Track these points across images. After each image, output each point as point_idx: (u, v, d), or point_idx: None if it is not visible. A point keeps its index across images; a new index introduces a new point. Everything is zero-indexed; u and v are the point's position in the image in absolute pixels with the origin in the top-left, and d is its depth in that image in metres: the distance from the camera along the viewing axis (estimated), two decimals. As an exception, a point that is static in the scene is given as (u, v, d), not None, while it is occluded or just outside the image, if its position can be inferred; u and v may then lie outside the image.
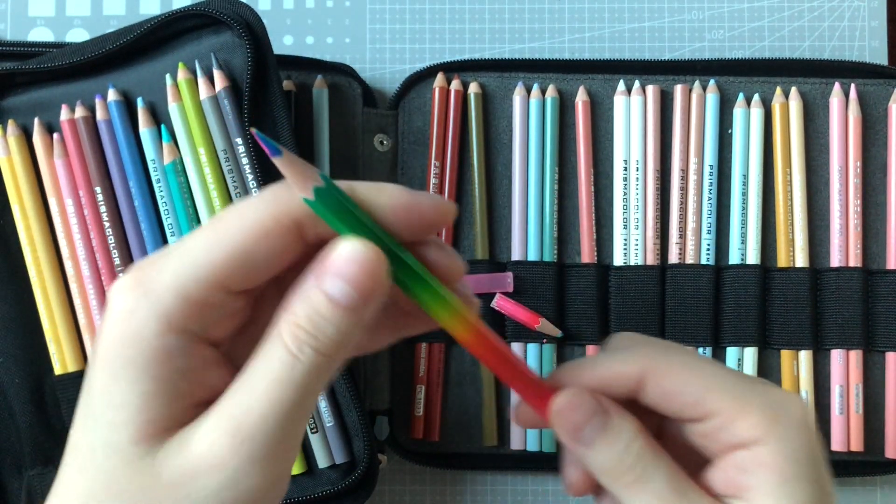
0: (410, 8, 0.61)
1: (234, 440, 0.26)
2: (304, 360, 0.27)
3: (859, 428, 0.56)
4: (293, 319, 0.27)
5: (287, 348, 0.27)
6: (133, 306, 0.27)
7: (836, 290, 0.56)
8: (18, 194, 0.54)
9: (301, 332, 0.27)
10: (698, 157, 0.57)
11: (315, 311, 0.27)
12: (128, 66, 0.54)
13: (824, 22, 0.61)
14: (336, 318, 0.27)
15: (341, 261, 0.27)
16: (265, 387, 0.26)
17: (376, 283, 0.27)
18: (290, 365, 0.26)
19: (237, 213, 0.27)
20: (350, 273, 0.26)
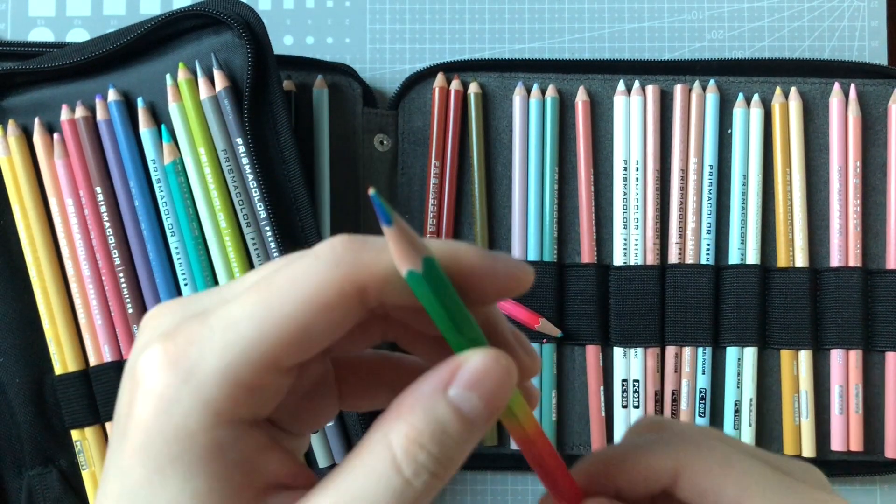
0: (410, 8, 0.61)
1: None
2: (417, 486, 0.22)
3: (859, 428, 0.56)
4: (413, 435, 0.23)
5: (399, 470, 0.22)
6: (174, 395, 0.22)
7: (835, 290, 0.56)
8: (19, 194, 0.54)
9: (422, 454, 0.22)
10: (698, 157, 0.57)
11: (441, 428, 0.23)
12: (128, 66, 0.54)
13: (824, 22, 0.61)
14: (463, 437, 0.23)
15: (476, 372, 0.23)
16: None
17: (505, 401, 0.23)
18: (399, 491, 0.22)
19: (290, 279, 0.23)
20: (485, 387, 0.23)
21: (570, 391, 0.57)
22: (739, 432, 0.56)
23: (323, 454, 0.54)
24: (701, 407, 0.56)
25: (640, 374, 0.56)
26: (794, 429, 0.56)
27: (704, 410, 0.56)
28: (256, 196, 0.53)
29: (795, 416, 0.56)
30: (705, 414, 0.56)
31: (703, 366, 0.56)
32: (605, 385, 0.57)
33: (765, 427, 0.57)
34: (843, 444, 0.56)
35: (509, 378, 0.23)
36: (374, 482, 0.22)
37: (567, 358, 0.57)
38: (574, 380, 0.57)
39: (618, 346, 0.57)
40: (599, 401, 0.57)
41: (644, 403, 0.57)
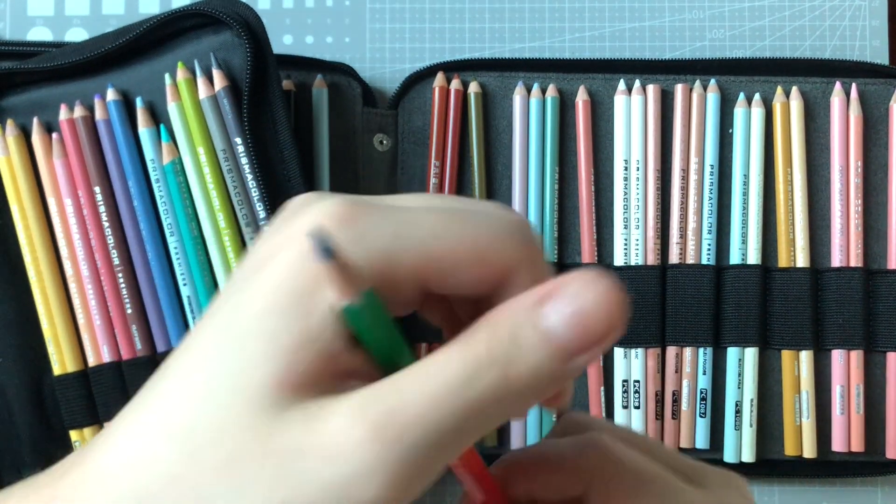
0: (410, 7, 0.61)
1: (375, 433, 0.21)
2: (487, 380, 0.21)
3: (860, 428, 0.56)
4: (492, 332, 0.22)
5: (475, 358, 0.22)
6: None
7: (836, 290, 0.56)
8: (17, 194, 0.54)
9: (498, 349, 0.22)
10: (699, 157, 0.57)
11: (519, 338, 0.22)
12: (127, 65, 0.54)
13: (825, 21, 0.61)
14: (540, 356, 0.22)
15: (579, 287, 0.22)
16: (433, 390, 0.21)
17: (601, 337, 0.22)
18: (469, 377, 0.21)
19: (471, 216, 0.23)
20: (584, 309, 0.22)
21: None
22: (740, 433, 0.56)
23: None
24: (702, 407, 0.56)
25: (640, 375, 0.56)
26: (794, 429, 0.56)
27: (705, 411, 0.56)
28: (256, 196, 0.53)
29: (796, 416, 0.56)
30: (706, 414, 0.56)
31: (703, 366, 0.56)
32: (605, 385, 0.57)
33: (766, 427, 0.57)
34: (844, 444, 0.56)
35: (613, 300, 0.22)
36: (447, 362, 0.22)
37: (567, 358, 0.57)
38: (574, 380, 0.57)
39: (618, 346, 0.57)
40: (600, 401, 0.57)
41: (644, 404, 0.56)
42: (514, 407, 0.22)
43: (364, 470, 0.21)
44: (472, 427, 0.22)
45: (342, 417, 0.21)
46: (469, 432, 0.22)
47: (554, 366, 0.22)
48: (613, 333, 0.22)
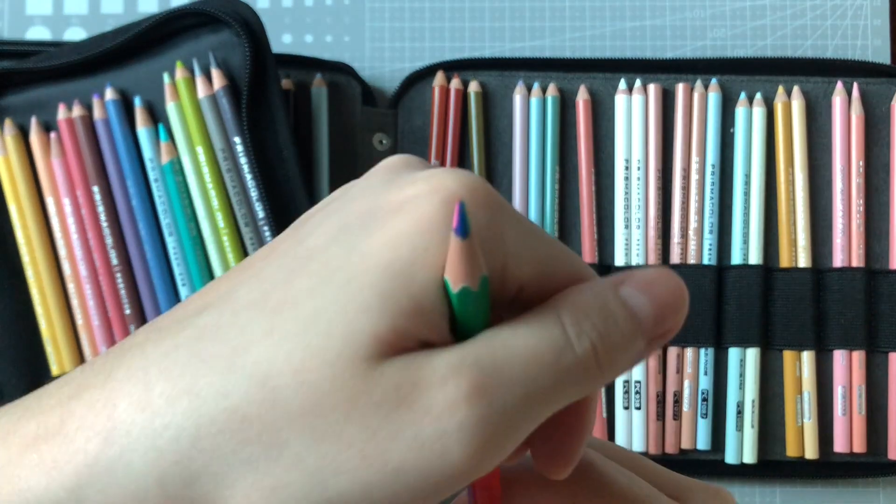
0: (410, 6, 0.61)
1: (474, 390, 0.20)
2: (578, 350, 0.22)
3: (862, 429, 0.56)
4: (582, 306, 0.22)
5: (563, 328, 0.22)
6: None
7: (838, 290, 0.56)
8: (15, 194, 0.54)
9: (586, 322, 0.22)
10: (700, 157, 0.57)
11: (608, 311, 0.22)
12: (125, 64, 0.54)
13: (826, 20, 0.61)
14: (627, 332, 0.22)
15: (653, 275, 0.23)
16: (525, 355, 0.21)
17: (673, 325, 0.23)
18: (560, 348, 0.21)
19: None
20: (655, 291, 0.23)
21: (570, 392, 0.57)
22: (742, 434, 0.56)
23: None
24: (703, 408, 0.56)
25: (641, 375, 0.56)
26: (796, 430, 0.56)
27: (706, 412, 0.56)
28: (255, 195, 0.52)
29: (798, 417, 0.56)
30: (707, 415, 0.56)
31: (705, 367, 0.56)
32: (606, 386, 0.57)
33: (767, 428, 0.57)
34: (846, 445, 0.56)
35: (680, 290, 0.23)
36: (537, 330, 0.22)
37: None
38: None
39: (619, 346, 0.56)
40: (601, 402, 0.56)
41: (645, 404, 0.56)
42: (596, 380, 0.22)
43: (460, 427, 0.20)
44: (558, 396, 0.22)
45: (439, 374, 0.21)
46: (555, 401, 0.22)
47: (639, 343, 0.23)
48: (680, 322, 0.23)
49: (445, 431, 0.20)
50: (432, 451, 0.20)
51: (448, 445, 0.20)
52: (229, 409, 0.20)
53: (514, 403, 0.21)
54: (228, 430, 0.20)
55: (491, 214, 0.22)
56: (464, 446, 0.20)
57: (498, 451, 0.21)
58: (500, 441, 0.21)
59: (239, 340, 0.21)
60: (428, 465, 0.20)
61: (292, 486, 0.20)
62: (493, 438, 0.21)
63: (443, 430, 0.20)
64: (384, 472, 0.20)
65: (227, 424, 0.20)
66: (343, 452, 0.20)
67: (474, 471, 0.21)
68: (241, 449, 0.20)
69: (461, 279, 0.21)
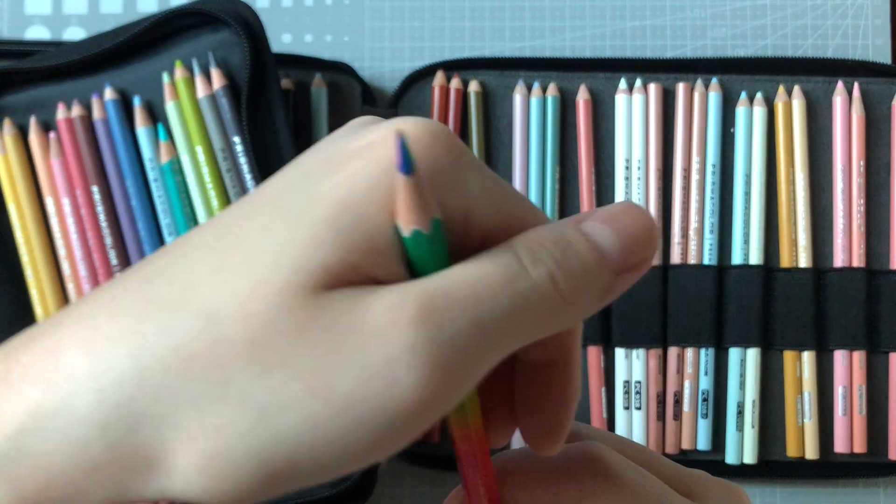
0: (410, 6, 0.61)
1: (423, 313, 0.20)
2: (533, 275, 0.21)
3: (863, 429, 0.56)
4: (533, 237, 0.22)
5: (517, 256, 0.21)
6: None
7: (839, 290, 0.56)
8: (15, 194, 0.54)
9: (542, 250, 0.21)
10: (700, 156, 0.57)
11: (567, 241, 0.22)
12: (125, 64, 0.54)
13: (827, 20, 0.61)
14: (588, 259, 0.22)
15: (616, 209, 0.22)
16: (482, 280, 0.20)
17: (643, 255, 0.22)
18: (513, 273, 0.21)
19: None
20: (622, 225, 0.22)
21: (571, 392, 0.57)
22: (742, 434, 0.56)
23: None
24: (703, 408, 0.56)
25: (641, 376, 0.56)
26: (797, 430, 0.56)
27: (707, 412, 0.56)
28: (254, 196, 0.52)
29: (798, 417, 0.56)
30: (707, 415, 0.56)
31: (705, 367, 0.56)
32: (606, 386, 0.57)
33: (768, 429, 0.57)
34: (846, 445, 0.56)
35: (646, 221, 0.22)
36: (490, 260, 0.21)
37: (568, 359, 0.57)
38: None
39: (619, 346, 0.56)
40: (601, 402, 0.56)
41: (646, 405, 0.56)
42: (560, 309, 0.21)
43: (408, 350, 0.19)
44: (518, 324, 0.21)
45: (388, 299, 0.20)
46: (516, 330, 0.21)
47: (604, 274, 0.22)
48: (651, 254, 0.22)
49: (394, 356, 0.19)
50: (381, 377, 0.19)
51: (396, 371, 0.19)
52: (173, 346, 0.20)
53: (466, 327, 0.20)
54: (172, 369, 0.20)
55: (453, 158, 0.21)
56: (413, 371, 0.19)
57: (453, 380, 0.20)
58: (454, 369, 0.20)
59: (188, 280, 0.20)
60: (377, 394, 0.19)
61: (237, 423, 0.19)
62: (446, 364, 0.20)
63: (391, 354, 0.19)
64: (332, 405, 0.19)
65: (171, 363, 0.20)
66: (289, 384, 0.19)
67: (429, 403, 0.20)
68: (184, 387, 0.19)
69: (410, 221, 0.20)
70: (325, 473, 0.20)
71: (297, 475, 0.20)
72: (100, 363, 0.20)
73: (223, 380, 0.19)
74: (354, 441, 0.20)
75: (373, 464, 0.20)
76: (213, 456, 0.19)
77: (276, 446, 0.19)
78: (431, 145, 0.21)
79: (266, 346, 0.19)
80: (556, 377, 0.25)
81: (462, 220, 0.22)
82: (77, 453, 0.20)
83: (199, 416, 0.19)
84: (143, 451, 0.20)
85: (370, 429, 0.20)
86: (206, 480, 0.20)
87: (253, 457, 0.19)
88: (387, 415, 0.19)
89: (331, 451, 0.20)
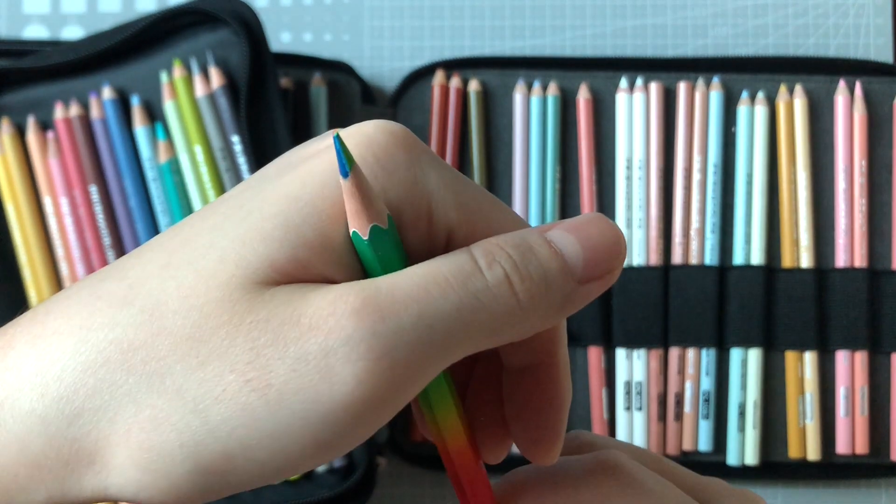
0: (409, 4, 0.60)
1: (362, 305, 0.19)
2: (488, 277, 0.20)
3: (865, 430, 0.55)
4: (493, 240, 0.21)
5: (472, 258, 0.21)
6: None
7: (841, 290, 0.55)
8: (12, 193, 0.54)
9: (500, 252, 0.21)
10: (702, 156, 0.57)
11: (528, 245, 0.21)
12: (123, 63, 0.54)
13: (829, 19, 0.60)
14: (550, 265, 0.21)
15: (583, 219, 0.22)
16: (425, 279, 0.20)
17: (608, 267, 0.22)
18: (466, 273, 0.20)
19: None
20: (588, 235, 0.22)
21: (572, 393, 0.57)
22: (744, 435, 0.56)
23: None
24: (705, 409, 0.56)
25: (643, 376, 0.56)
26: (798, 431, 0.56)
27: (708, 413, 0.56)
28: (253, 195, 0.52)
29: (800, 418, 0.56)
30: (709, 416, 0.56)
31: (707, 367, 0.56)
32: (607, 387, 0.56)
33: (769, 429, 0.56)
34: (848, 446, 0.55)
35: (612, 232, 0.22)
36: (443, 260, 0.21)
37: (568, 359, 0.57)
38: (576, 381, 0.57)
39: (620, 347, 0.56)
40: (602, 403, 0.56)
41: (647, 406, 0.56)
42: (517, 314, 0.21)
43: (346, 341, 0.19)
44: (470, 325, 0.20)
45: (331, 294, 0.20)
46: (465, 334, 0.20)
47: (565, 282, 0.21)
48: (617, 266, 0.22)
49: (331, 348, 0.19)
50: (317, 370, 0.19)
51: (333, 364, 0.19)
52: (115, 340, 0.20)
53: (410, 322, 0.19)
54: (113, 362, 0.20)
55: (412, 155, 0.21)
56: (351, 365, 0.19)
57: (396, 378, 0.19)
58: (397, 365, 0.19)
59: (137, 277, 0.21)
60: (313, 387, 0.19)
61: (172, 416, 0.19)
62: (387, 359, 0.19)
63: (328, 345, 0.19)
64: (267, 398, 0.19)
65: (112, 356, 0.20)
66: (225, 376, 0.19)
67: (369, 400, 0.19)
68: (123, 380, 0.20)
69: (353, 223, 0.20)
70: (264, 473, 0.20)
71: (233, 472, 0.20)
72: (45, 358, 0.20)
73: (161, 372, 0.19)
74: (291, 437, 0.19)
75: (314, 467, 0.20)
76: (149, 449, 0.19)
77: (209, 439, 0.19)
78: (388, 144, 0.21)
79: (203, 339, 0.20)
80: (543, 380, 0.24)
81: (426, 216, 0.22)
82: (19, 447, 0.20)
83: (136, 409, 0.19)
84: (82, 446, 0.20)
85: (306, 423, 0.19)
86: (141, 475, 0.19)
87: (186, 449, 0.19)
88: (323, 409, 0.19)
89: (267, 447, 0.19)
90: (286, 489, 0.53)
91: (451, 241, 0.22)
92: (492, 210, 0.23)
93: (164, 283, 0.20)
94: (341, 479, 0.53)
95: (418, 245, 0.22)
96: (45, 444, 0.20)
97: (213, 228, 0.21)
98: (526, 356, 0.24)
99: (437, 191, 0.22)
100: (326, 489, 0.52)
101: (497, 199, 0.23)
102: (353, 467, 0.53)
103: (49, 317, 0.21)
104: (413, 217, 0.21)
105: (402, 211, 0.21)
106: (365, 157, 0.21)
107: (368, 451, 0.52)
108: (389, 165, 0.21)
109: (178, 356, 0.20)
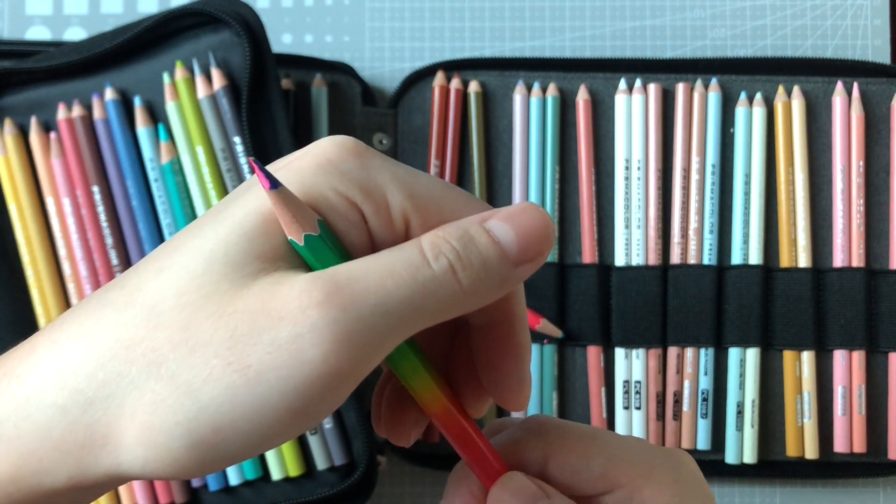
0: (410, 6, 0.61)
1: (326, 296, 0.23)
2: (435, 268, 0.24)
3: (862, 429, 0.56)
4: (439, 233, 0.25)
5: (420, 251, 0.24)
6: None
7: (838, 290, 0.56)
8: (15, 194, 0.54)
9: (445, 245, 0.24)
10: (700, 157, 0.57)
11: (469, 235, 0.25)
12: (125, 64, 0.54)
13: (827, 20, 0.61)
14: (488, 253, 0.25)
15: (516, 209, 0.25)
16: (380, 272, 0.24)
17: (538, 250, 0.25)
18: (416, 266, 0.24)
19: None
20: (521, 223, 0.25)
21: (571, 392, 0.57)
22: (742, 434, 0.56)
23: (322, 456, 0.53)
24: (703, 408, 0.56)
25: (641, 376, 0.56)
26: (796, 430, 0.56)
27: (707, 412, 0.56)
28: (255, 196, 0.52)
29: (798, 417, 0.56)
30: (707, 415, 0.56)
31: (705, 367, 0.56)
32: (606, 386, 0.57)
33: (767, 428, 0.57)
34: (846, 445, 0.56)
35: (542, 219, 0.25)
36: (395, 253, 0.24)
37: (568, 359, 0.57)
38: (575, 381, 0.57)
39: (619, 346, 0.56)
40: (601, 402, 0.56)
41: (646, 405, 0.56)
42: (459, 296, 0.24)
43: (313, 328, 0.23)
44: (422, 309, 0.24)
45: (298, 286, 0.23)
46: (419, 313, 0.24)
47: (502, 266, 0.25)
48: (546, 249, 0.25)
49: (300, 333, 0.23)
50: (289, 352, 0.23)
51: (302, 346, 0.23)
52: (120, 338, 0.23)
53: (369, 311, 0.23)
54: (119, 357, 0.23)
55: (362, 158, 0.25)
56: (318, 346, 0.23)
57: (358, 355, 0.23)
58: (359, 345, 0.23)
59: (136, 283, 0.24)
60: (286, 365, 0.23)
61: (168, 399, 0.23)
62: (349, 339, 0.23)
63: (297, 332, 0.23)
64: (247, 377, 0.23)
65: (117, 351, 0.23)
66: (210, 360, 0.23)
67: (336, 375, 0.23)
68: (128, 371, 0.23)
69: (287, 233, 0.24)
70: (251, 442, 0.23)
71: (223, 443, 0.23)
72: (62, 358, 0.24)
73: (158, 361, 0.23)
74: (269, 408, 0.23)
75: (293, 436, 0.24)
76: (150, 428, 0.23)
77: (200, 415, 0.23)
78: (342, 152, 0.25)
79: (193, 329, 0.23)
80: (504, 334, 0.28)
81: (384, 207, 0.25)
82: (43, 434, 0.23)
83: (139, 395, 0.23)
84: (96, 429, 0.23)
85: (282, 395, 0.23)
86: (146, 451, 0.23)
87: (182, 426, 0.23)
88: (295, 383, 0.23)
89: (250, 419, 0.23)
90: (287, 487, 0.54)
91: (409, 226, 0.25)
92: (443, 195, 0.26)
93: (161, 286, 0.24)
94: (342, 477, 0.53)
95: (381, 232, 0.25)
96: (64, 429, 0.23)
97: (200, 236, 0.24)
98: (487, 315, 0.28)
99: (388, 182, 0.25)
100: (327, 487, 0.53)
101: (450, 184, 0.27)
102: (354, 466, 0.53)
103: (64, 325, 0.24)
104: (373, 209, 0.25)
105: (363, 205, 0.25)
106: (322, 166, 0.25)
107: (369, 449, 0.52)
108: (344, 169, 0.25)
109: (172, 347, 0.23)
